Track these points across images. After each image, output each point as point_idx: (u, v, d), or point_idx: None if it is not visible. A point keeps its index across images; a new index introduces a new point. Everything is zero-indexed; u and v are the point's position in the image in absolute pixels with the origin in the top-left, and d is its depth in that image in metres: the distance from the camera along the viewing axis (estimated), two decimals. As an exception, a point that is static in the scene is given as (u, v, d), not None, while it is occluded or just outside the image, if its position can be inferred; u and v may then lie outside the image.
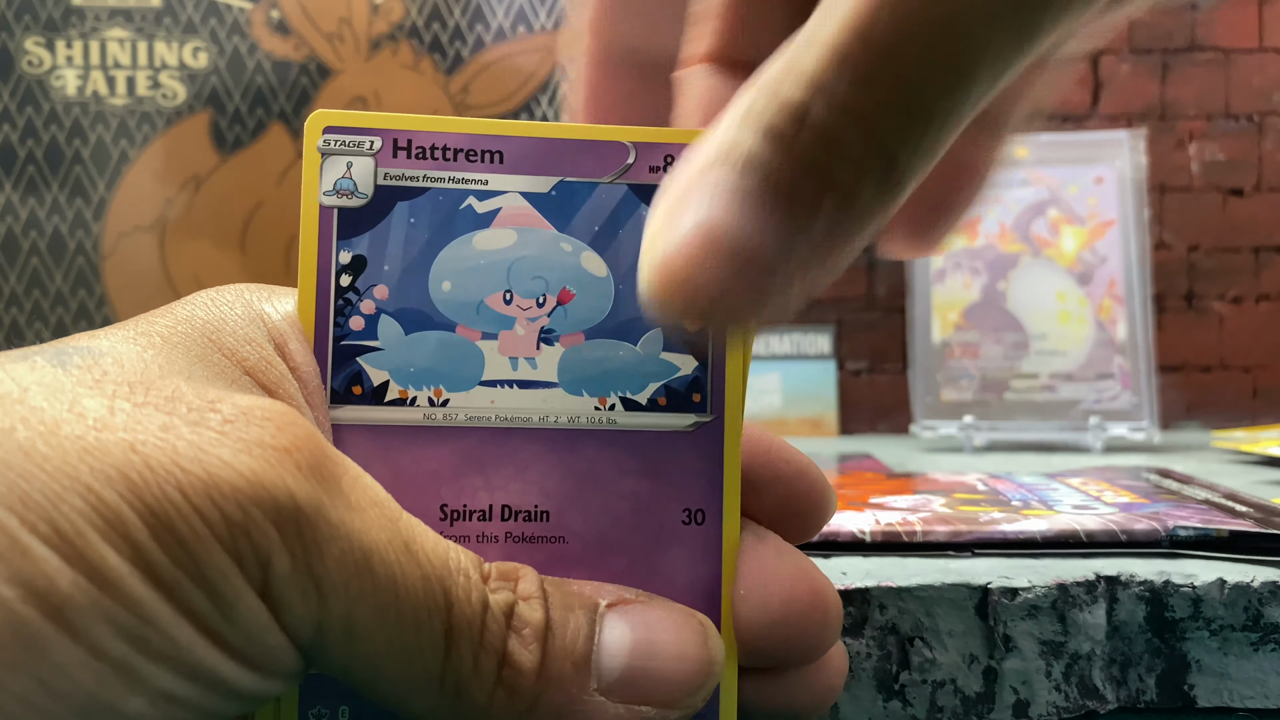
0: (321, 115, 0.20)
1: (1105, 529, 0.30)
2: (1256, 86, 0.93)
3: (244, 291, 0.21)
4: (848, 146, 0.15)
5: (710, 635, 0.19)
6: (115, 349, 0.18)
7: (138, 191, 0.58)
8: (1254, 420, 0.89)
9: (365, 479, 0.18)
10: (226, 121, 0.58)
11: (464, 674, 0.17)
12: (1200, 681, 0.26)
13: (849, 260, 0.16)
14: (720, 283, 0.16)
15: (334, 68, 0.59)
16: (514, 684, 0.18)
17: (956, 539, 0.30)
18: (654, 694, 0.19)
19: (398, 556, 0.17)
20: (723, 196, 0.15)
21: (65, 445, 0.15)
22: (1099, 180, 0.73)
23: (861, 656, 0.26)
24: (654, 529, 0.20)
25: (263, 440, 0.16)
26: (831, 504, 0.22)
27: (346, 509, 0.17)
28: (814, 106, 0.15)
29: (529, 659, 0.18)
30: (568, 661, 0.18)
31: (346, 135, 0.20)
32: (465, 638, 0.17)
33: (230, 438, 0.16)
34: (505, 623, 0.18)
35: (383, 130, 0.20)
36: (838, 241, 0.16)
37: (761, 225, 0.15)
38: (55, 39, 0.58)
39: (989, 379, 0.73)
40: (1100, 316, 0.72)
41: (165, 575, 0.15)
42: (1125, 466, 0.49)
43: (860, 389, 0.93)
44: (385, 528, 0.17)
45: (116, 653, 0.15)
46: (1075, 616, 0.26)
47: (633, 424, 0.20)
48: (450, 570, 0.18)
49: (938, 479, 0.44)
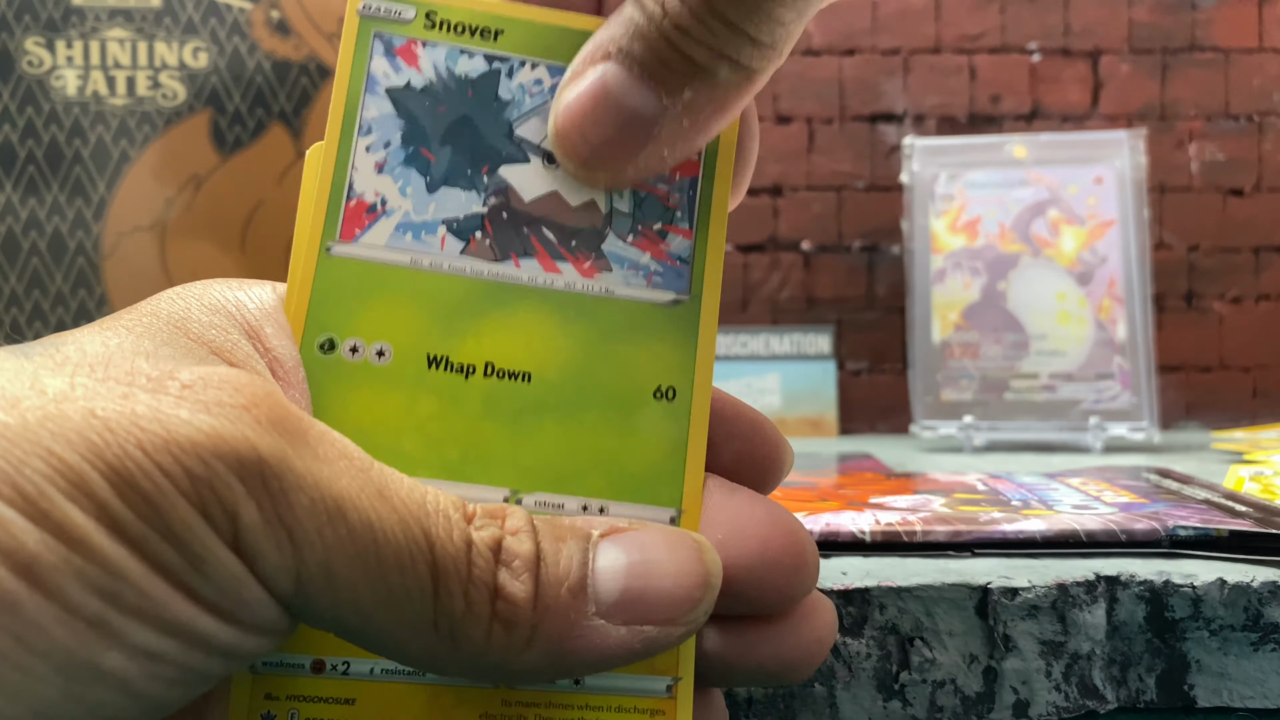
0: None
1: (1105, 529, 0.30)
2: (1256, 86, 0.93)
3: (214, 284, 0.21)
4: (703, 31, 0.19)
5: (705, 551, 0.20)
6: (78, 338, 0.18)
7: (138, 191, 0.58)
8: (1254, 420, 0.89)
9: (332, 434, 0.18)
10: (227, 121, 0.58)
11: (457, 614, 0.17)
12: (1200, 681, 0.26)
13: (719, 126, 0.21)
14: (606, 131, 0.20)
15: (334, 67, 0.59)
16: (509, 617, 0.18)
17: (956, 539, 0.30)
18: (655, 613, 0.19)
19: (371, 503, 0.17)
20: (614, 66, 0.20)
21: (26, 416, 0.15)
22: (1099, 180, 0.73)
23: (861, 656, 0.26)
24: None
25: (221, 400, 0.17)
26: (788, 455, 0.23)
27: (313, 459, 0.17)
28: (673, 2, 0.19)
29: (522, 590, 0.18)
30: (562, 588, 0.18)
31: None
32: (452, 577, 0.17)
33: (188, 400, 0.17)
34: (493, 558, 0.18)
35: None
36: (702, 110, 0.20)
37: (641, 90, 0.20)
38: (55, 39, 0.58)
39: (989, 379, 0.73)
40: (1100, 316, 0.72)
41: (132, 530, 0.15)
42: (1125, 466, 0.49)
43: (860, 389, 0.93)
44: (355, 477, 0.17)
45: (91, 609, 0.15)
46: (1075, 616, 0.26)
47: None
48: (428, 512, 0.18)
49: (938, 479, 0.44)
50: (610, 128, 0.20)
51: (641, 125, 0.20)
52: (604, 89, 0.20)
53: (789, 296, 0.93)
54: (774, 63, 0.20)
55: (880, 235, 0.94)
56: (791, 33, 0.20)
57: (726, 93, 0.20)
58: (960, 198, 0.76)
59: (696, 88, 0.20)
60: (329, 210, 0.21)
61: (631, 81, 0.20)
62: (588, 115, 0.20)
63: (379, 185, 0.21)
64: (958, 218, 0.76)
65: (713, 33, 0.19)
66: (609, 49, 0.20)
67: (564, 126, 0.21)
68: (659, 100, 0.20)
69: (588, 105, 0.20)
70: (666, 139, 0.20)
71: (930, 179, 0.76)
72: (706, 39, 0.19)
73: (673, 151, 0.21)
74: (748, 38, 0.19)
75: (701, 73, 0.20)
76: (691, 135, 0.21)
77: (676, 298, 0.22)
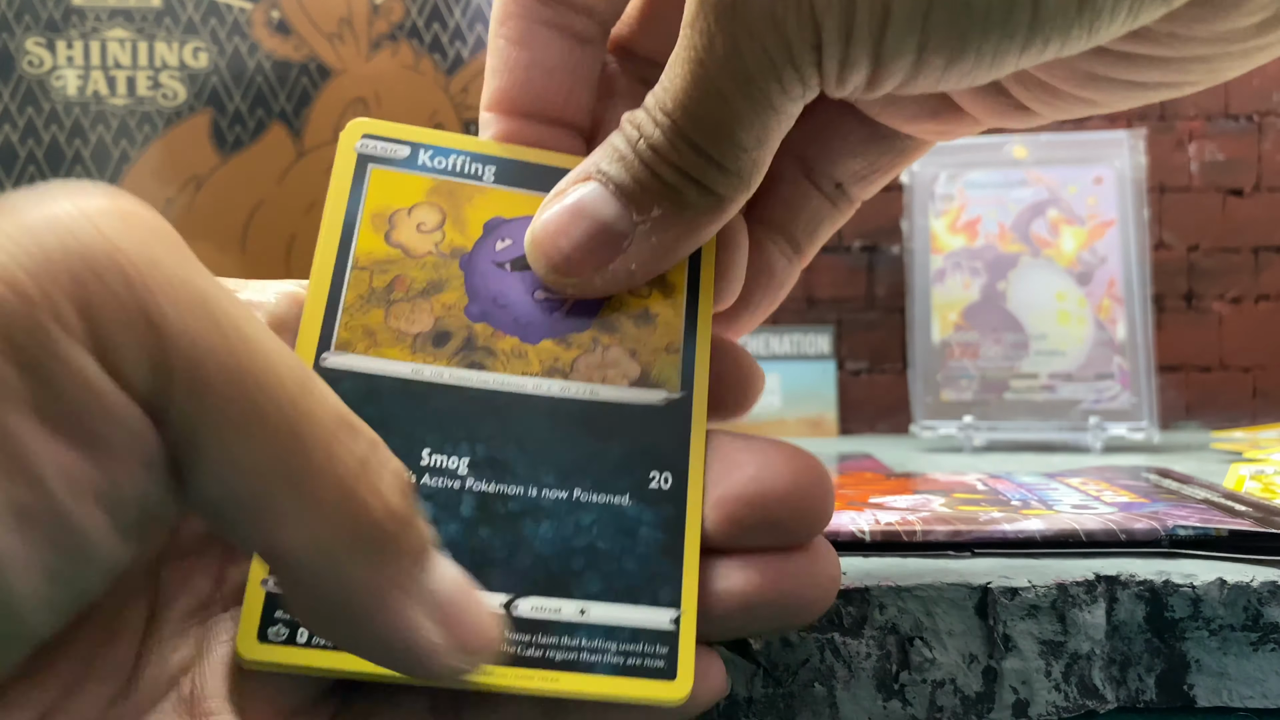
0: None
1: (1105, 529, 0.30)
2: (1256, 87, 0.93)
3: None
4: (673, 153, 0.21)
5: None
6: None
7: (138, 192, 0.58)
8: (1253, 420, 0.89)
9: (194, 260, 0.16)
10: (227, 121, 0.58)
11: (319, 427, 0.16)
12: (1200, 681, 0.26)
13: (687, 247, 0.23)
14: (577, 240, 0.22)
15: (334, 68, 0.59)
16: None
17: (956, 539, 0.30)
18: None
19: (236, 308, 0.16)
20: (593, 184, 0.22)
21: None
22: (1098, 180, 0.73)
23: (861, 656, 0.26)
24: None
25: (77, 207, 0.15)
26: (760, 376, 0.25)
27: (172, 255, 0.16)
28: (649, 126, 0.21)
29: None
30: None
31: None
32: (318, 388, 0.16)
33: (37, 211, 0.15)
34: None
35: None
36: (670, 228, 0.22)
37: (614, 205, 0.22)
38: (56, 39, 0.58)
39: (989, 379, 0.73)
40: (1100, 316, 0.72)
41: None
42: (1125, 466, 0.49)
43: (860, 389, 0.93)
44: (221, 288, 0.16)
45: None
46: (1075, 616, 0.26)
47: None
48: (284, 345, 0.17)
49: (937, 479, 0.44)
50: (582, 237, 0.22)
51: (611, 238, 0.22)
52: (580, 204, 0.22)
53: (789, 296, 0.93)
54: (741, 191, 0.22)
55: (880, 235, 0.94)
56: (756, 161, 0.21)
57: (695, 215, 0.22)
58: (960, 198, 0.76)
59: (665, 207, 0.22)
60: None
61: (606, 197, 0.22)
62: (562, 226, 0.22)
63: None
64: (957, 218, 0.76)
65: (681, 155, 0.21)
66: (590, 170, 0.22)
67: (539, 235, 0.22)
68: (629, 216, 0.22)
69: (564, 217, 0.22)
70: (635, 254, 0.22)
71: (930, 179, 0.76)
72: (676, 161, 0.21)
73: (641, 266, 0.22)
74: (714, 163, 0.21)
75: (671, 192, 0.21)
76: (660, 252, 0.22)
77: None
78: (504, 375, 0.22)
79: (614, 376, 0.23)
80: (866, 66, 0.20)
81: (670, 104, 0.21)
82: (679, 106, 0.21)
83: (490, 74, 0.25)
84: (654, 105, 0.21)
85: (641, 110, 0.22)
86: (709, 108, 0.20)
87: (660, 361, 0.23)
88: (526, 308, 0.23)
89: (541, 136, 0.25)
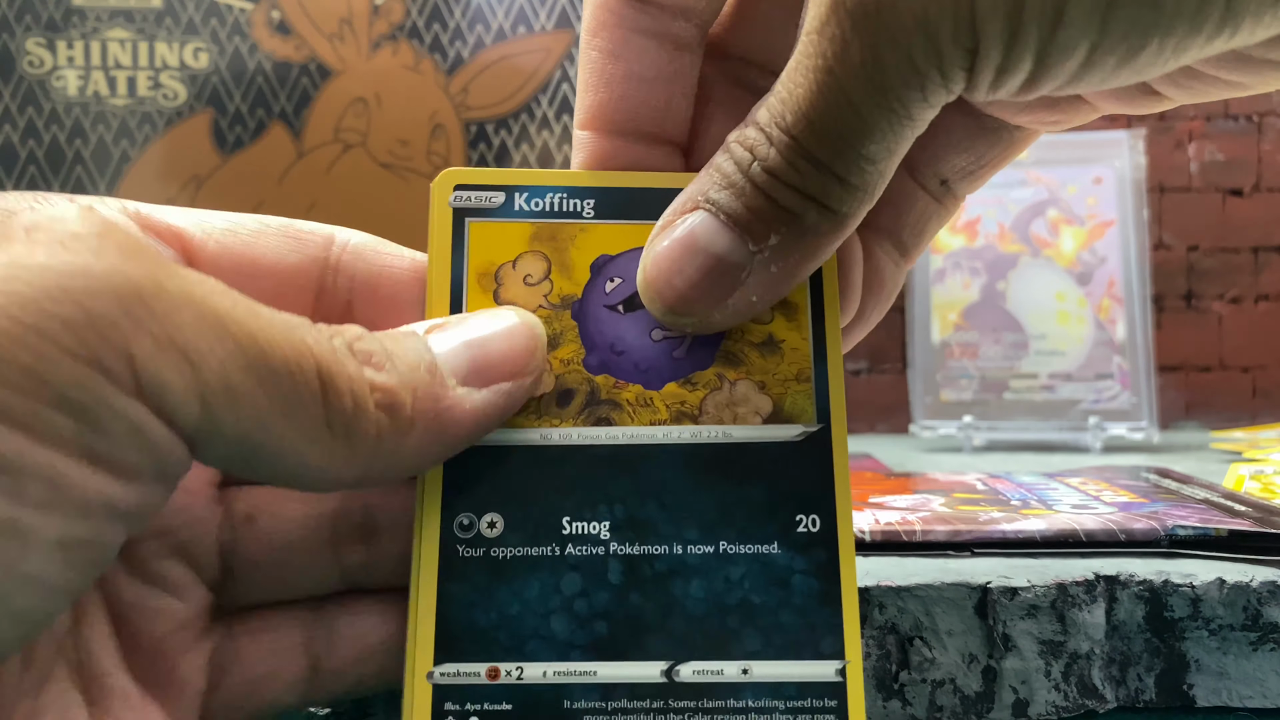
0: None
1: (1104, 528, 0.30)
2: (1256, 87, 0.93)
3: None
4: (791, 173, 0.20)
5: (515, 311, 0.21)
6: None
7: (139, 192, 0.58)
8: (1253, 420, 0.89)
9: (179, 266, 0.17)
10: (227, 122, 0.58)
11: (346, 410, 0.18)
12: (1199, 681, 0.26)
13: (807, 270, 0.21)
14: (692, 277, 0.21)
15: (334, 68, 0.59)
16: (390, 403, 0.18)
17: (956, 538, 0.30)
18: (503, 369, 0.20)
19: (249, 316, 0.17)
20: (703, 214, 0.21)
21: None
22: (1098, 180, 0.73)
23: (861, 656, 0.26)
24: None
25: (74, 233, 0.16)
26: None
27: (181, 280, 0.16)
28: (763, 148, 0.20)
29: (392, 378, 0.18)
30: (420, 369, 0.19)
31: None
32: (337, 376, 0.18)
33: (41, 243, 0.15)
34: (357, 358, 0.18)
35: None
36: (790, 255, 0.20)
37: (728, 237, 0.20)
38: (56, 39, 0.58)
39: (988, 379, 0.73)
40: (1099, 316, 0.72)
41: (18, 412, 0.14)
42: (1124, 466, 0.49)
43: (860, 389, 0.93)
44: (225, 294, 0.17)
45: None
46: (1074, 616, 0.26)
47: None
48: (298, 323, 0.18)
49: (937, 479, 0.44)
50: (697, 274, 0.21)
51: (728, 271, 0.21)
52: (691, 237, 0.21)
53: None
54: (864, 205, 0.20)
55: (880, 235, 0.93)
56: (883, 172, 0.20)
57: (815, 238, 0.20)
58: (960, 198, 0.76)
59: (784, 233, 0.20)
60: None
61: (719, 229, 0.20)
62: (675, 263, 0.21)
63: None
64: (957, 218, 0.76)
65: (801, 175, 0.19)
66: (697, 199, 0.21)
67: (651, 275, 0.21)
68: (745, 246, 0.20)
69: (676, 252, 0.21)
70: (755, 285, 0.21)
71: (930, 179, 0.76)
72: (794, 182, 0.20)
73: (761, 297, 0.21)
74: (836, 179, 0.19)
75: (789, 217, 0.20)
76: (780, 280, 0.21)
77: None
78: (632, 428, 0.21)
79: (745, 414, 0.22)
80: (1027, 69, 0.18)
81: (790, 118, 0.19)
82: (801, 120, 0.19)
83: (583, 89, 0.23)
84: (768, 121, 0.20)
85: (751, 127, 0.20)
86: (837, 120, 0.19)
87: (792, 393, 0.22)
88: (645, 351, 0.22)
89: (638, 155, 0.23)
